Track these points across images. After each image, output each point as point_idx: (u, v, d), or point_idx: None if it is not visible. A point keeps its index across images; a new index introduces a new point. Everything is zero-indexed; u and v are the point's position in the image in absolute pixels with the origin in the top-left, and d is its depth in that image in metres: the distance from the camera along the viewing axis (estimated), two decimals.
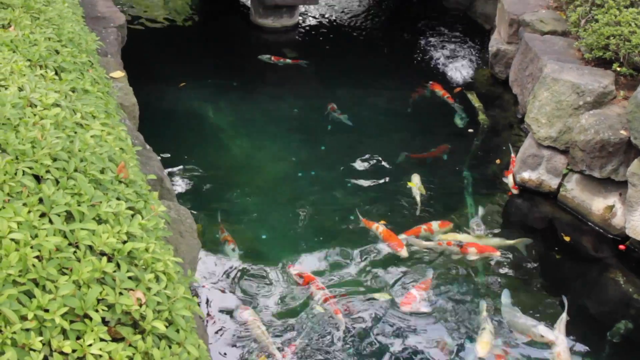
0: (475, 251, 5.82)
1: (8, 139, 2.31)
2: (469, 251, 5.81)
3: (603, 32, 6.64)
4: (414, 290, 5.33)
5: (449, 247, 5.88)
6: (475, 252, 5.81)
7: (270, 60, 9.27)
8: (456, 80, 9.12)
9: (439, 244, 5.93)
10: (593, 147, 6.04)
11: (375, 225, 6.05)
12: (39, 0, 4.09)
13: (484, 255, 5.79)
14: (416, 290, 5.34)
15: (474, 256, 5.79)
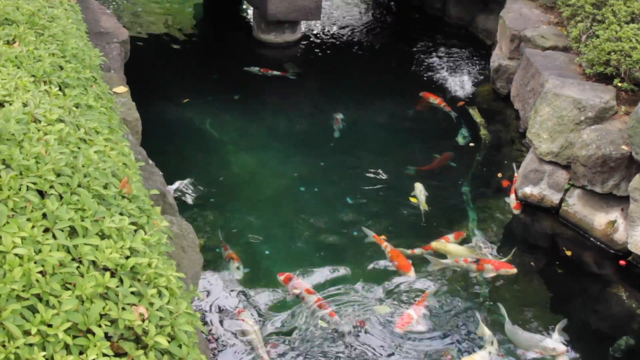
0: (492, 268, 5.77)
1: (12, 154, 2.33)
2: (486, 268, 5.77)
3: (604, 48, 6.67)
4: (411, 310, 5.30)
5: (466, 264, 5.84)
6: (492, 269, 5.76)
7: (259, 72, 9.33)
8: (458, 95, 9.15)
9: (455, 261, 5.89)
10: (594, 162, 6.05)
11: (385, 244, 5.99)
12: (43, 17, 4.12)
13: (501, 273, 5.76)
14: (413, 310, 5.30)
15: (491, 273, 5.74)
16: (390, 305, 5.39)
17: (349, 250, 6.07)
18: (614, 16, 6.93)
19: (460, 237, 6.28)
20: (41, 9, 4.25)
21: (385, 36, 11.40)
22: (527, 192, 6.73)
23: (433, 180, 7.22)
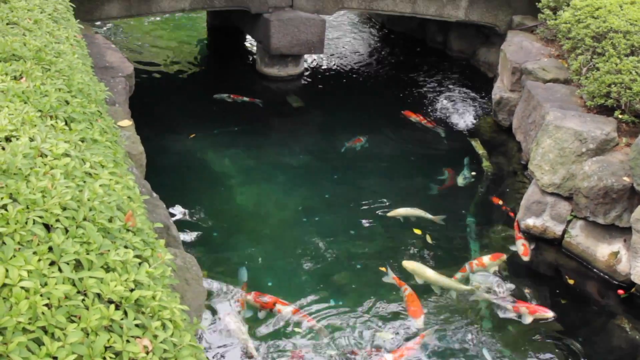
0: (527, 311, 5.72)
1: (19, 188, 2.36)
2: (521, 310, 5.73)
3: (604, 80, 6.73)
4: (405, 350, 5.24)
5: (502, 304, 5.80)
6: (527, 312, 5.71)
7: (229, 99, 9.42)
8: (460, 127, 9.20)
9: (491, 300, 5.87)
10: (596, 193, 6.08)
11: (405, 287, 5.91)
12: (50, 52, 4.18)
13: (537, 317, 5.69)
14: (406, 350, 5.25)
15: (527, 316, 5.68)
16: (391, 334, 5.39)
17: (352, 282, 6.07)
18: (614, 49, 7.00)
19: (498, 258, 6.27)
20: (48, 44, 4.31)
21: (387, 69, 11.50)
22: (529, 224, 6.74)
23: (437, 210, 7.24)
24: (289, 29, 9.57)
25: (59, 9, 5.42)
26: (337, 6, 10.04)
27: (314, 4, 9.87)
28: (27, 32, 4.41)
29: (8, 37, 4.08)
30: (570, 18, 8.01)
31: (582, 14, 7.83)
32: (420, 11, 10.23)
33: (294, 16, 9.61)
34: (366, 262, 6.35)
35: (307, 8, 9.84)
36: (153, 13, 9.48)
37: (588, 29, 7.50)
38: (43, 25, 4.71)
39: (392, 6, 10.15)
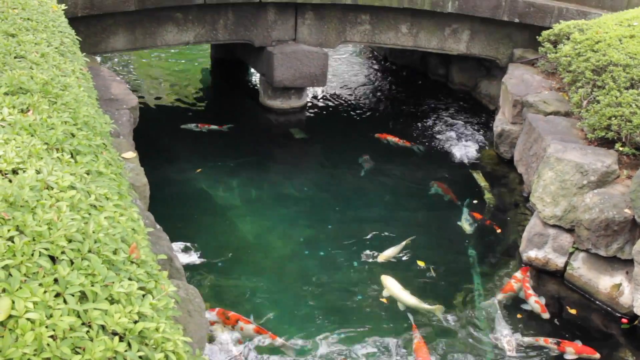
0: (573, 351, 5.65)
1: (26, 221, 2.39)
2: (567, 350, 5.67)
3: (605, 113, 6.79)
4: None
5: (546, 344, 5.75)
6: (573, 352, 5.65)
7: (196, 128, 9.50)
8: (462, 160, 9.25)
9: (536, 340, 5.82)
10: (598, 225, 6.09)
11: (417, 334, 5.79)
12: (57, 85, 4.23)
13: (583, 357, 5.64)
14: None
15: (572, 356, 5.61)
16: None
17: (355, 315, 6.06)
18: (614, 82, 7.07)
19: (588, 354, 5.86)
20: (54, 77, 4.37)
21: (389, 101, 11.58)
22: (531, 256, 6.75)
23: (438, 242, 7.26)
24: (292, 62, 9.67)
25: (65, 42, 5.49)
26: (340, 40, 10.15)
27: (316, 37, 9.98)
28: (34, 65, 4.47)
29: (16, 70, 4.14)
30: (570, 51, 8.10)
31: (582, 47, 7.92)
32: (422, 45, 10.34)
33: (297, 49, 9.72)
34: (368, 294, 6.34)
35: (310, 41, 9.95)
36: (158, 46, 9.59)
37: (588, 62, 7.58)
38: (50, 59, 4.77)
39: (394, 40, 10.26)
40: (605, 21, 8.40)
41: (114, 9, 8.59)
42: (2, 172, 2.78)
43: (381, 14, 10.01)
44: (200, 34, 9.54)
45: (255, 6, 9.52)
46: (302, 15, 9.83)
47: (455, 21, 10.15)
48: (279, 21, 9.77)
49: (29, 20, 5.39)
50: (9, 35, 4.85)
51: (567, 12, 9.78)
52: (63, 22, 6.12)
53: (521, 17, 9.86)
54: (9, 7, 5.55)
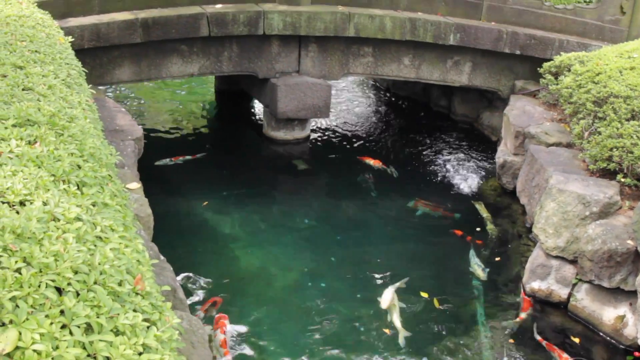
0: None
1: (33, 252, 2.43)
2: None
3: (606, 145, 6.82)
4: None
5: None
6: None
7: (170, 162, 9.50)
8: (464, 191, 9.28)
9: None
10: (601, 257, 6.10)
11: None
12: (63, 117, 4.29)
13: None
14: None
15: None
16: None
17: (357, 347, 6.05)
18: (615, 113, 7.11)
19: None
20: (61, 109, 4.42)
21: (392, 132, 11.65)
22: (534, 287, 6.75)
23: (442, 273, 7.26)
24: (296, 94, 9.75)
25: (72, 74, 5.56)
26: (343, 71, 10.24)
27: (320, 69, 10.08)
28: (41, 97, 4.53)
29: (23, 102, 4.19)
30: (571, 83, 8.17)
31: (582, 79, 7.99)
32: (424, 76, 10.43)
33: (300, 81, 9.81)
34: (370, 326, 6.33)
35: (314, 73, 10.04)
36: (163, 77, 9.69)
37: (589, 94, 7.64)
38: (57, 91, 4.83)
39: (397, 71, 10.35)
40: (605, 53, 8.48)
41: (120, 41, 8.70)
42: (10, 203, 2.82)
43: (384, 46, 10.11)
44: (205, 65, 9.64)
45: (260, 39, 9.63)
46: (305, 47, 9.94)
47: (457, 53, 10.25)
48: (283, 53, 9.87)
49: (36, 53, 5.47)
50: (17, 68, 4.92)
51: (568, 44, 9.89)
52: (70, 54, 6.21)
53: (522, 49, 9.96)
54: (18, 39, 5.64)
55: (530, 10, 10.16)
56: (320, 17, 9.51)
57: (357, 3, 9.90)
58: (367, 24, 9.66)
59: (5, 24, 6.01)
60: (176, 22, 8.93)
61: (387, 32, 9.75)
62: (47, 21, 6.80)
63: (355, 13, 9.62)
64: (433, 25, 9.78)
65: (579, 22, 10.23)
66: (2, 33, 5.67)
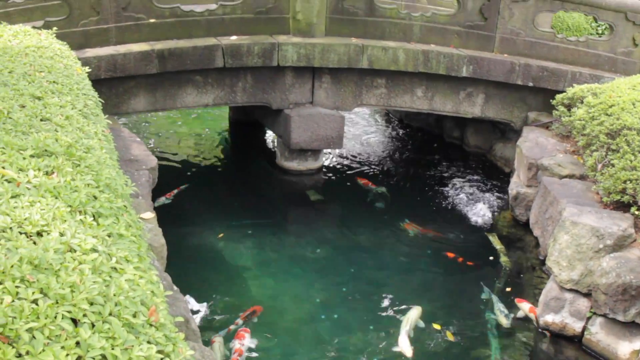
0: None
1: (50, 283, 2.45)
2: None
3: (619, 177, 6.81)
4: None
5: None
6: None
7: (168, 200, 9.39)
8: (478, 222, 9.25)
9: None
10: (615, 290, 6.06)
11: None
12: (80, 148, 4.34)
13: None
14: None
15: None
16: None
17: None
18: (628, 146, 7.11)
19: None
20: (78, 140, 4.48)
21: (405, 163, 11.67)
22: (548, 321, 6.70)
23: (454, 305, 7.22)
24: (309, 125, 9.81)
25: (89, 105, 5.63)
26: (356, 103, 10.30)
27: (333, 100, 10.14)
28: (59, 128, 4.58)
29: (41, 133, 4.25)
30: (584, 115, 8.17)
31: (595, 111, 8.00)
32: (437, 108, 10.47)
33: (314, 112, 9.87)
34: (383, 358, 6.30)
35: (327, 104, 10.11)
36: (178, 108, 9.78)
37: (602, 126, 7.65)
38: (74, 121, 4.89)
39: (410, 103, 10.40)
40: (618, 85, 8.50)
41: (136, 71, 8.81)
42: (27, 234, 2.85)
43: (397, 78, 10.17)
44: (219, 96, 9.73)
45: (274, 70, 9.72)
46: (319, 78, 10.02)
47: (469, 85, 10.29)
48: (297, 84, 9.95)
49: (54, 83, 5.55)
50: (36, 98, 4.99)
51: (581, 75, 9.91)
52: (87, 84, 6.29)
53: (535, 81, 9.99)
54: (36, 70, 5.73)
55: (543, 42, 10.21)
56: (333, 49, 9.60)
57: (371, 35, 9.97)
58: (381, 55, 9.73)
59: (24, 55, 6.11)
60: (191, 54, 9.03)
61: (400, 64, 9.82)
62: (65, 52, 6.90)
63: (369, 45, 9.70)
64: (446, 57, 9.84)
65: (592, 54, 10.26)
66: (21, 64, 5.76)
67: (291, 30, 9.76)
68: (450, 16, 10.18)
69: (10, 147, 3.74)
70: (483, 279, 7.69)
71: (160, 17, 9.14)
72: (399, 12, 10.14)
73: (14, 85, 5.08)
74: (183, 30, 9.28)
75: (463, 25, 10.11)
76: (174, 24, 9.23)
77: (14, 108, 4.56)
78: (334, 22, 9.89)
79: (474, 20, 10.08)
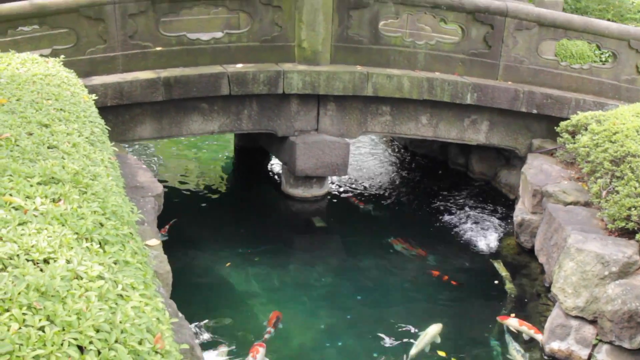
0: None
1: (56, 310, 2.47)
2: None
3: (624, 204, 6.81)
4: None
5: None
6: None
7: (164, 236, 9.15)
8: (483, 249, 9.25)
9: None
10: (621, 317, 6.04)
11: None
12: (87, 175, 4.37)
13: None
14: None
15: None
16: None
17: None
18: (632, 173, 7.12)
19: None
20: (85, 167, 4.52)
21: (410, 190, 11.70)
22: (554, 348, 6.67)
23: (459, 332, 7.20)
24: (314, 152, 9.85)
25: (95, 132, 5.68)
26: (361, 130, 10.35)
27: (338, 128, 10.20)
28: (66, 155, 4.62)
29: (48, 160, 4.29)
30: (588, 142, 8.20)
31: (600, 138, 8.02)
32: (442, 135, 10.51)
33: (319, 139, 9.92)
34: None
35: (332, 132, 10.16)
36: (184, 135, 9.84)
37: (606, 153, 7.66)
38: (81, 149, 4.93)
39: (415, 130, 10.45)
40: (622, 112, 8.53)
41: (143, 99, 8.89)
42: (34, 261, 2.87)
43: (401, 105, 10.23)
44: (225, 123, 9.79)
45: (279, 97, 9.78)
46: (324, 106, 10.08)
47: (474, 112, 10.34)
48: (302, 112, 10.02)
49: (61, 111, 5.60)
50: (43, 126, 5.04)
51: (585, 103, 9.95)
52: (94, 112, 6.34)
53: (539, 108, 10.03)
54: (44, 97, 5.78)
55: (547, 70, 10.27)
56: (338, 76, 9.67)
57: (375, 63, 10.05)
58: (385, 83, 9.79)
59: (32, 83, 6.17)
60: (197, 81, 9.11)
61: (405, 92, 9.87)
62: (72, 80, 6.97)
63: (374, 73, 9.77)
64: (450, 85, 9.90)
65: (595, 81, 10.31)
66: (29, 91, 5.82)
67: (296, 58, 9.84)
68: (455, 44, 10.25)
69: (17, 175, 3.78)
70: (489, 306, 7.67)
71: (167, 45, 9.24)
72: (403, 40, 10.22)
73: (22, 112, 5.13)
74: (189, 58, 9.38)
75: (467, 53, 10.18)
76: (180, 52, 9.33)
77: (22, 135, 4.61)
78: (339, 50, 9.98)
79: (478, 48, 10.15)
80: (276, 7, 9.60)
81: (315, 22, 9.68)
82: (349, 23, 9.88)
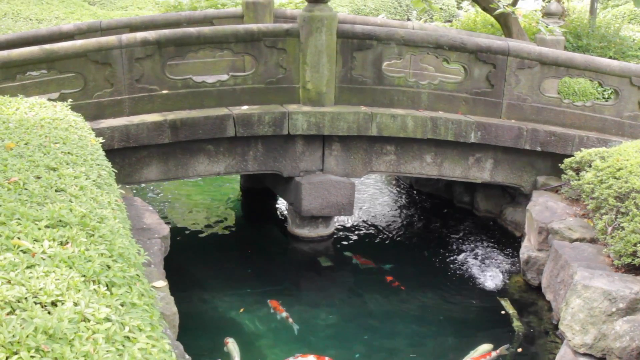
0: None
1: (64, 353, 2.50)
2: None
3: (630, 240, 6.82)
4: None
5: None
6: None
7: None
8: (489, 287, 9.22)
9: None
10: (630, 354, 6.00)
11: None
12: (94, 218, 4.43)
13: None
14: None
15: None
16: None
17: None
18: (637, 209, 7.13)
19: None
20: (92, 210, 4.57)
21: (415, 229, 11.71)
22: None
23: None
24: (320, 192, 9.90)
25: (102, 175, 5.75)
26: (366, 170, 10.41)
27: (343, 168, 10.26)
28: (73, 198, 4.68)
29: (56, 203, 4.35)
30: (592, 179, 8.23)
31: (604, 174, 8.06)
32: (447, 174, 10.56)
33: (324, 179, 9.97)
34: None
35: (337, 172, 10.22)
36: (190, 177, 9.91)
37: (611, 189, 7.69)
38: (88, 192, 5.00)
39: (419, 169, 10.50)
40: (625, 149, 8.57)
41: (149, 141, 8.98)
42: (42, 304, 2.91)
43: (406, 144, 10.30)
44: (231, 165, 9.86)
45: (284, 138, 9.87)
46: (329, 146, 10.15)
47: (478, 150, 10.40)
48: (307, 152, 10.09)
49: (69, 154, 5.68)
50: (51, 169, 5.11)
51: (588, 140, 10.00)
52: (100, 154, 6.42)
53: (543, 146, 10.08)
54: (51, 141, 5.87)
55: (550, 107, 10.34)
56: (343, 117, 9.76)
57: (379, 103, 10.15)
58: (389, 123, 9.87)
59: (40, 127, 6.27)
60: (203, 123, 9.21)
61: (409, 131, 9.95)
62: (79, 123, 7.08)
63: (378, 113, 9.86)
64: (454, 124, 9.97)
65: (598, 118, 10.38)
66: (37, 135, 5.91)
67: (301, 99, 9.95)
68: (458, 84, 10.35)
69: (25, 218, 3.84)
70: (496, 344, 7.62)
71: (173, 88, 9.37)
72: (407, 81, 10.33)
73: (30, 156, 5.21)
74: (195, 100, 9.49)
75: (470, 92, 10.27)
76: (186, 95, 9.45)
77: (30, 179, 4.68)
78: (343, 90, 10.09)
79: (480, 87, 10.25)
80: (281, 50, 9.74)
81: (319, 64, 9.80)
82: (352, 64, 10.00)
